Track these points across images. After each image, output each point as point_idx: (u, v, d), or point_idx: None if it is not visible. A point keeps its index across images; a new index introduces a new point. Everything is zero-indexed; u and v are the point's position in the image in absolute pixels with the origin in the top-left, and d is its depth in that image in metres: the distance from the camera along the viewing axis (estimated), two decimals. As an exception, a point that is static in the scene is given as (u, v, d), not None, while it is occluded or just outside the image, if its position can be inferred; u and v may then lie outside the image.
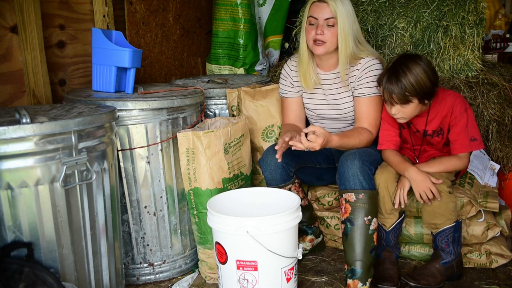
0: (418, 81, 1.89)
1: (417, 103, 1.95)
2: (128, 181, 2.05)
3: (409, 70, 1.90)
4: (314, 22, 2.08)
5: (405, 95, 1.90)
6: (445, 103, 2.03)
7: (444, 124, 2.04)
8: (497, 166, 2.47)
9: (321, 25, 2.06)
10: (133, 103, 1.96)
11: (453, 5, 2.51)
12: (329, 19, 2.05)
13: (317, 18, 2.07)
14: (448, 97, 2.04)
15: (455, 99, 2.03)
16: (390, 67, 1.96)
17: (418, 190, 1.97)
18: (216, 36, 3.27)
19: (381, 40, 2.68)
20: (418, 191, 1.97)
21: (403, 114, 1.98)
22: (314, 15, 2.08)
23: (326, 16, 2.05)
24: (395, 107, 1.96)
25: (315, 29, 2.07)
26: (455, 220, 2.00)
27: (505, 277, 2.08)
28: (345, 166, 1.97)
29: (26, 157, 1.47)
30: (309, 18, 2.10)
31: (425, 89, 1.91)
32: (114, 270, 1.81)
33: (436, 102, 2.03)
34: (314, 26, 2.08)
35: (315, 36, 2.07)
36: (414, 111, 1.98)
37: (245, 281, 1.78)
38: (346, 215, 1.96)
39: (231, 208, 1.93)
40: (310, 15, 2.09)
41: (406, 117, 1.99)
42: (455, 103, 2.02)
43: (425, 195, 1.96)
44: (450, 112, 2.02)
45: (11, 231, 1.49)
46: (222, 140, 2.07)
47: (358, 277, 1.93)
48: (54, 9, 2.30)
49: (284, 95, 2.34)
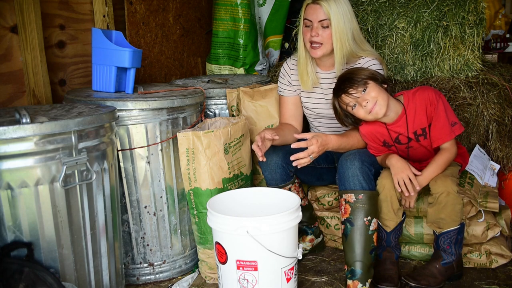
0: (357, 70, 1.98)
1: (375, 85, 1.93)
2: (128, 181, 2.05)
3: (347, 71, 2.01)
4: (309, 24, 2.10)
5: (357, 80, 1.92)
6: (418, 96, 2.00)
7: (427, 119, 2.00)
8: (497, 166, 2.47)
9: (316, 27, 2.07)
10: (133, 103, 1.96)
11: (453, 5, 2.51)
12: (323, 20, 2.06)
13: (311, 20, 2.08)
14: (418, 90, 2.03)
15: (426, 89, 2.03)
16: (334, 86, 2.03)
17: (396, 176, 1.95)
18: (216, 36, 3.27)
19: (381, 40, 2.68)
20: (396, 178, 1.95)
21: (372, 100, 1.92)
22: (308, 17, 2.09)
23: (320, 18, 2.06)
24: (360, 98, 1.93)
25: (310, 31, 2.08)
26: (460, 222, 1.99)
27: (505, 277, 2.08)
28: (345, 167, 1.97)
29: (26, 157, 1.47)
30: (305, 21, 2.12)
31: (371, 72, 1.96)
32: (114, 270, 1.82)
33: (409, 99, 2.01)
34: (309, 28, 2.09)
35: (311, 38, 2.08)
36: (380, 93, 1.93)
37: (245, 281, 1.78)
38: (346, 215, 1.96)
39: (231, 208, 1.93)
40: (305, 17, 2.11)
41: (378, 101, 1.92)
42: (428, 92, 2.00)
43: (403, 182, 1.94)
44: (428, 102, 1.98)
45: (11, 231, 1.49)
46: (222, 140, 2.07)
47: (358, 278, 1.93)
48: (54, 9, 2.30)
49: (282, 93, 2.35)
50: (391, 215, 2.04)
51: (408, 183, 1.94)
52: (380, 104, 1.93)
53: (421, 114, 2.00)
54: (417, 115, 2.00)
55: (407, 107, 2.01)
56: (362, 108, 1.95)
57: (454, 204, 1.95)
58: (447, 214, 1.96)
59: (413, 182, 1.94)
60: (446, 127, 1.98)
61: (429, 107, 1.99)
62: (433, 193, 1.97)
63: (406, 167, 1.95)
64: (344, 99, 1.97)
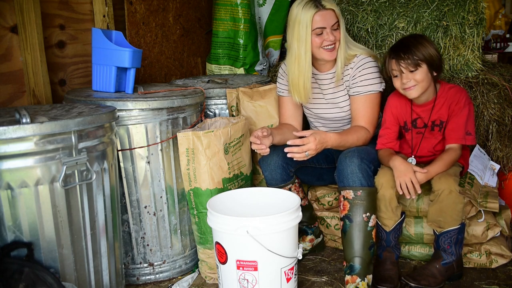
0: (424, 47, 1.96)
1: (426, 70, 1.96)
2: (128, 181, 2.05)
3: (415, 39, 2.01)
4: (321, 32, 2.07)
5: (414, 58, 1.94)
6: (451, 92, 2.07)
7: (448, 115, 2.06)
8: (497, 166, 2.47)
9: (329, 32, 2.07)
10: (133, 103, 1.96)
11: (453, 5, 2.51)
12: (335, 23, 2.07)
13: (324, 26, 2.06)
14: (454, 88, 2.10)
15: (462, 90, 2.09)
16: (395, 43, 2.07)
17: (399, 179, 1.97)
18: (216, 36, 3.27)
19: (381, 40, 2.68)
20: (399, 180, 1.97)
21: (415, 81, 1.97)
22: (319, 25, 2.05)
23: (333, 22, 2.07)
24: (405, 74, 1.97)
25: (323, 37, 2.06)
26: (460, 222, 2.00)
27: (505, 277, 2.08)
28: (344, 164, 1.97)
29: (26, 157, 1.47)
30: (316, 30, 2.05)
31: (432, 56, 1.96)
32: (114, 270, 1.82)
33: (443, 91, 2.08)
34: (321, 35, 2.07)
35: (325, 42, 2.07)
36: (425, 80, 1.98)
37: (245, 281, 1.79)
38: (345, 212, 1.96)
39: (231, 208, 1.93)
40: (316, 26, 2.05)
41: (418, 85, 1.98)
42: (461, 94, 2.06)
43: (405, 185, 1.95)
44: (455, 101, 2.04)
45: (11, 231, 1.49)
46: (222, 140, 2.07)
47: (356, 273, 1.92)
48: (54, 9, 2.30)
49: (281, 94, 2.35)
50: (390, 213, 2.04)
51: (411, 187, 1.95)
52: (418, 89, 1.99)
53: (445, 109, 2.06)
54: (443, 108, 2.07)
55: (439, 97, 2.07)
56: (401, 82, 2.00)
57: (455, 203, 1.95)
58: (448, 213, 1.96)
59: (416, 186, 1.95)
60: (461, 130, 2.03)
61: (454, 106, 2.04)
62: (435, 190, 1.97)
63: (410, 170, 1.96)
64: (392, 63, 2.00)
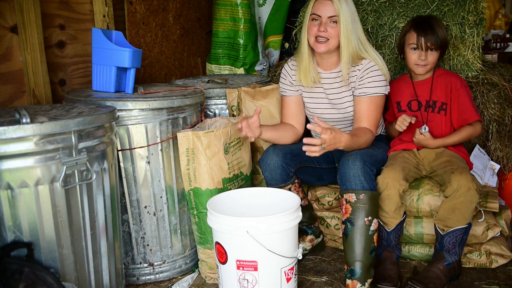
0: (444, 34, 2.22)
1: (438, 54, 2.22)
2: (128, 181, 2.05)
3: (438, 23, 2.22)
4: (317, 19, 2.09)
5: (435, 40, 2.17)
6: (448, 76, 2.27)
7: (448, 98, 2.23)
8: (497, 166, 2.47)
9: (324, 22, 2.07)
10: (133, 103, 1.96)
11: (453, 5, 2.51)
12: (333, 16, 2.06)
13: (320, 15, 2.08)
14: (450, 73, 2.32)
15: (457, 75, 2.30)
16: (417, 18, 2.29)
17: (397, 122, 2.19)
18: (216, 36, 3.27)
19: (381, 40, 2.68)
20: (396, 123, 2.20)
21: (426, 61, 2.20)
22: (317, 12, 2.09)
23: (330, 14, 2.06)
24: (423, 52, 2.18)
25: (318, 26, 2.08)
26: (469, 221, 2.00)
27: (505, 277, 2.09)
28: (347, 167, 1.96)
29: (26, 157, 1.47)
30: (312, 15, 2.10)
31: (446, 43, 2.25)
32: (114, 270, 1.82)
33: (438, 74, 2.27)
34: (317, 22, 2.09)
35: (318, 33, 2.08)
36: (434, 61, 2.23)
37: (245, 281, 1.79)
38: (347, 215, 1.96)
39: (231, 208, 1.93)
40: (314, 12, 2.10)
41: (429, 64, 2.21)
42: (456, 76, 2.28)
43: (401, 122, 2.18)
44: (451, 82, 2.23)
45: (11, 231, 1.49)
46: (222, 140, 2.07)
47: (357, 278, 1.92)
48: (54, 9, 2.30)
49: (284, 93, 2.34)
50: (392, 213, 2.04)
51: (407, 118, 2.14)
52: (427, 68, 2.23)
53: (442, 89, 2.24)
54: (440, 88, 2.25)
55: (436, 78, 2.28)
56: (416, 57, 2.21)
57: (471, 202, 1.95)
58: (462, 211, 1.96)
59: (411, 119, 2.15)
60: (470, 108, 2.19)
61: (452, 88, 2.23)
62: (454, 186, 1.95)
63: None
64: (415, 37, 2.20)
